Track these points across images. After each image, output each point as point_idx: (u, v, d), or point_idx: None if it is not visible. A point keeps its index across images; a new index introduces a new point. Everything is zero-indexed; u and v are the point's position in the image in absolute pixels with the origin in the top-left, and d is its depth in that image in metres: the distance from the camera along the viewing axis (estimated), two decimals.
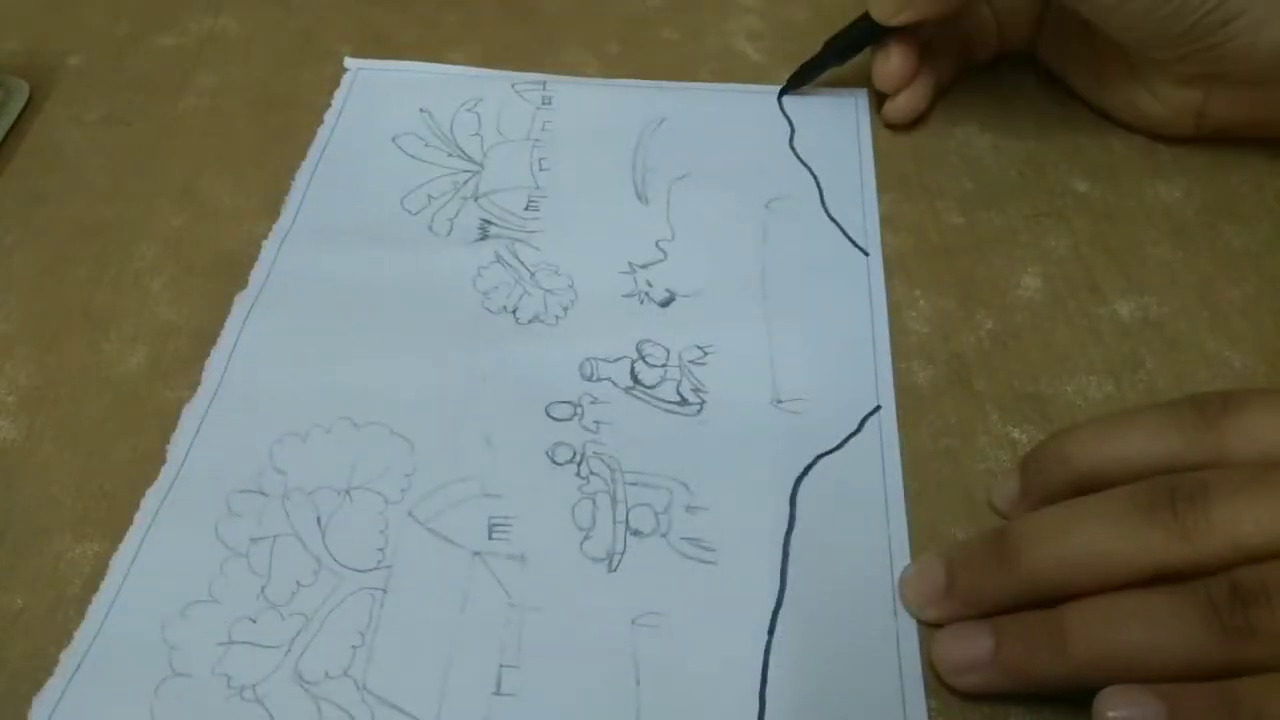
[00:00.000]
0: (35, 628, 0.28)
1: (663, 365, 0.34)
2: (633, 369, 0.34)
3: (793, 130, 0.42)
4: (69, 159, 0.42)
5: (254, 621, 0.28)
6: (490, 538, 0.30)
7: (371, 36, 0.47)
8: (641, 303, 0.36)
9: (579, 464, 0.31)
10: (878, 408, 0.33)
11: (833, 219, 0.39)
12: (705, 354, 0.34)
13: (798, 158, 0.41)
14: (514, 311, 0.36)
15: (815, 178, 0.40)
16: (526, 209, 0.39)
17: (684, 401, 0.33)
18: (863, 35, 0.41)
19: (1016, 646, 0.26)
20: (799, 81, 0.43)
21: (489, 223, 0.39)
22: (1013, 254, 0.38)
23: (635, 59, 0.46)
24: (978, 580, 0.27)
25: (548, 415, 0.33)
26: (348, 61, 0.45)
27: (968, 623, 0.27)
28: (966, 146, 0.42)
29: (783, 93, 0.43)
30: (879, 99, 0.42)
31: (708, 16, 0.48)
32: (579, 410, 0.33)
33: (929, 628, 0.28)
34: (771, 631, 0.28)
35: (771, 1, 0.48)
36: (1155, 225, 0.39)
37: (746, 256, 0.37)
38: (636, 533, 0.30)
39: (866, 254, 0.37)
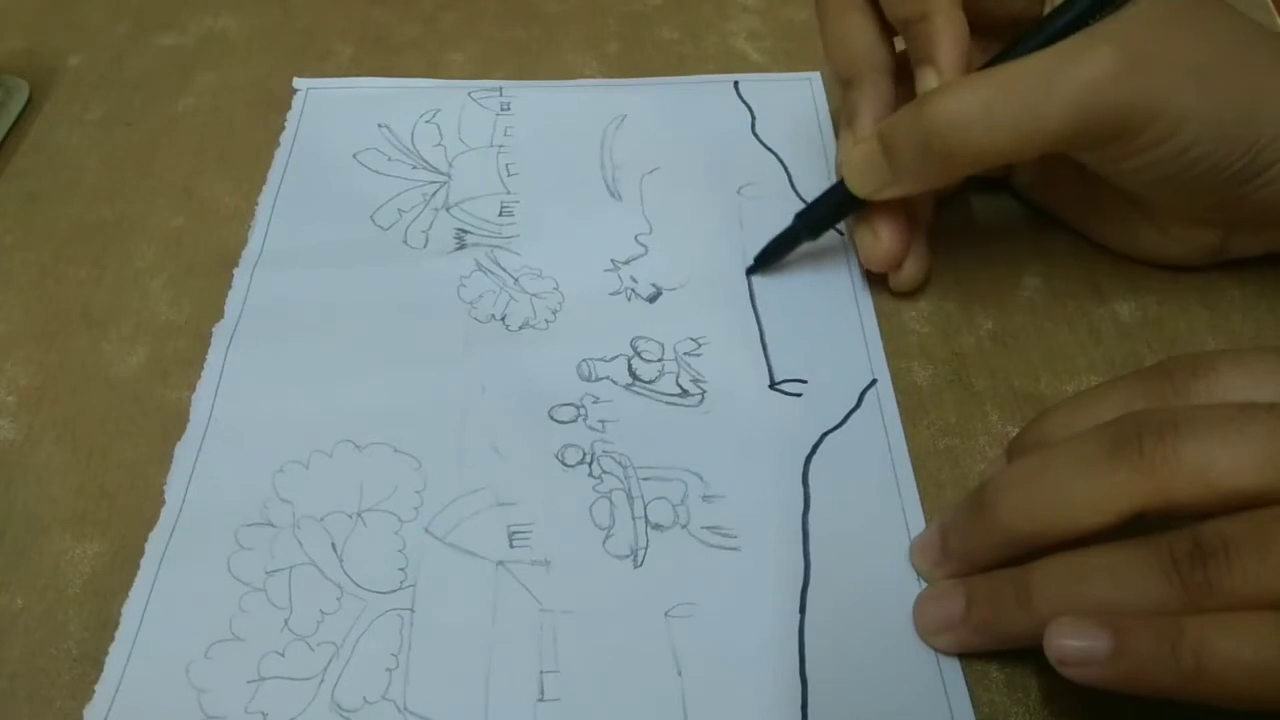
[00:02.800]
0: (35, 628, 0.28)
1: (659, 359, 0.34)
2: (630, 366, 0.34)
3: (753, 117, 0.42)
4: (69, 159, 0.42)
5: (282, 655, 0.28)
6: (511, 546, 0.30)
7: (371, 36, 0.47)
8: (629, 299, 0.36)
9: (590, 464, 0.32)
10: (874, 381, 0.33)
11: (804, 201, 0.39)
12: (699, 345, 0.35)
13: (762, 144, 0.41)
14: (503, 319, 0.35)
15: (781, 162, 0.41)
16: (500, 215, 0.39)
17: (685, 393, 0.33)
18: (840, 207, 0.35)
19: (985, 606, 0.26)
20: (768, 259, 0.37)
21: (464, 232, 0.38)
22: (1013, 254, 0.38)
23: (635, 59, 0.46)
24: (963, 539, 0.28)
25: (551, 419, 0.33)
26: (296, 81, 0.45)
27: (944, 583, 0.28)
28: None
29: (750, 271, 0.37)
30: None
31: (708, 16, 0.48)
32: (582, 411, 0.33)
33: None
34: (803, 610, 0.28)
35: (771, 1, 0.48)
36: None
37: (725, 245, 0.38)
38: (657, 526, 0.30)
39: (841, 233, 0.38)
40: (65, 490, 0.31)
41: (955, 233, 0.38)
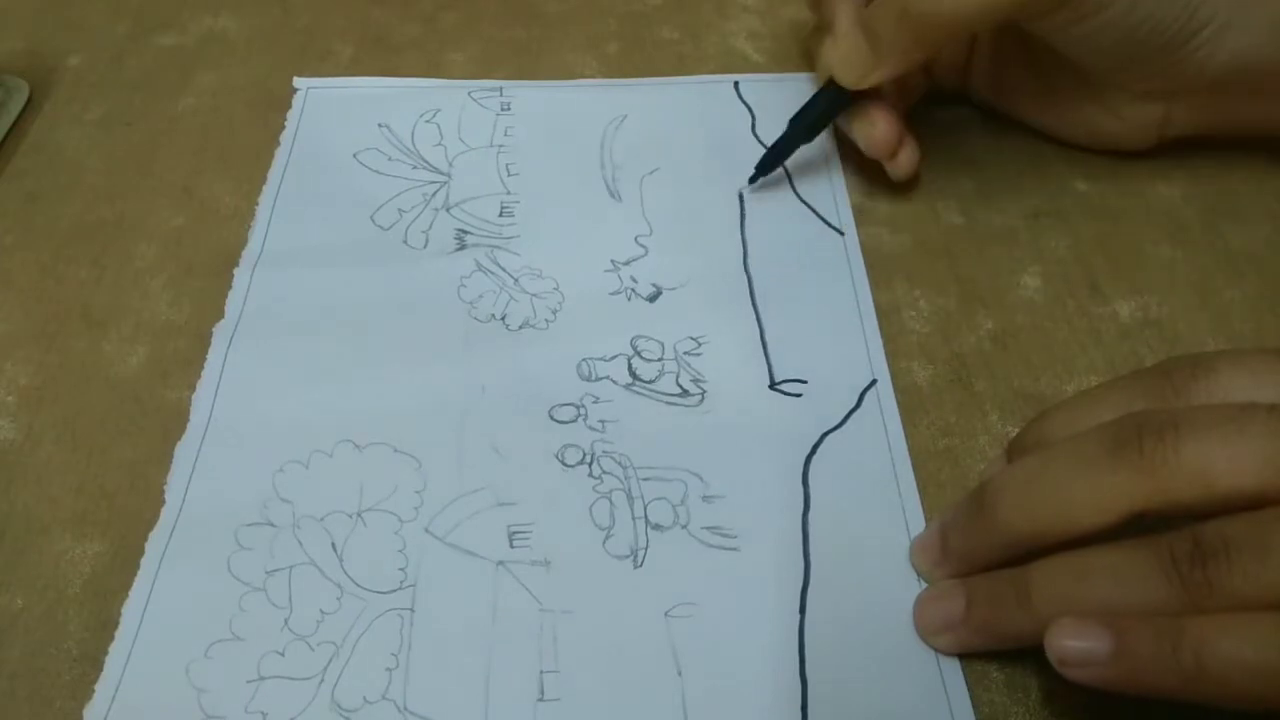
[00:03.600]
0: (35, 628, 0.28)
1: (659, 359, 0.34)
2: (630, 365, 0.34)
3: (754, 118, 0.43)
4: (69, 159, 0.42)
5: (282, 655, 0.28)
6: (512, 546, 0.30)
7: (371, 36, 0.47)
8: (629, 299, 0.36)
9: (590, 464, 0.32)
10: (874, 381, 0.33)
11: (804, 202, 0.39)
12: (699, 344, 0.35)
13: (762, 144, 0.41)
14: (503, 319, 0.35)
15: (783, 163, 0.40)
16: (501, 215, 0.39)
17: (685, 393, 0.33)
18: (830, 105, 0.38)
19: (985, 606, 0.26)
20: (767, 167, 0.39)
21: (465, 232, 0.38)
22: (1013, 254, 0.38)
23: (635, 59, 0.46)
24: (964, 539, 0.28)
25: (551, 419, 0.33)
26: (296, 81, 0.45)
27: (944, 583, 0.28)
28: (966, 146, 0.42)
29: (752, 180, 0.39)
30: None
31: (708, 16, 0.48)
32: (582, 411, 0.33)
33: None
34: (803, 610, 0.28)
35: (771, 1, 0.48)
36: (1155, 225, 0.39)
37: (725, 246, 0.38)
38: (657, 527, 0.30)
39: (842, 233, 0.38)
40: (65, 490, 0.31)
41: (955, 232, 0.38)
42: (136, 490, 0.31)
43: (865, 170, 0.40)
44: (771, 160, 0.39)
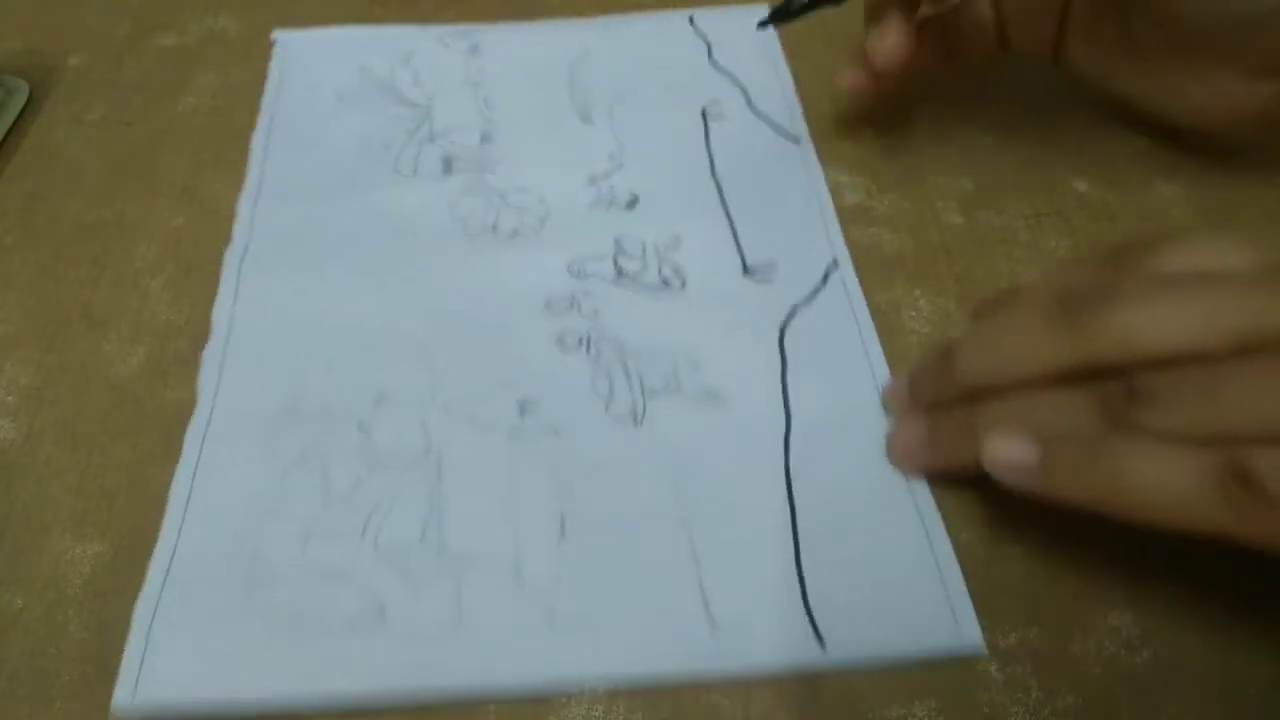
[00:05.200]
0: (35, 628, 0.28)
1: (641, 256, 0.37)
2: (616, 262, 0.37)
3: (709, 46, 0.46)
4: (69, 159, 0.42)
5: (326, 513, 0.30)
6: (522, 417, 0.32)
7: None
8: (609, 207, 0.39)
9: (587, 346, 0.34)
10: (835, 260, 0.37)
11: (760, 117, 0.43)
12: (678, 241, 0.38)
13: (719, 70, 0.45)
14: (494, 229, 0.38)
15: (740, 85, 0.44)
16: (482, 143, 0.42)
17: (667, 284, 0.36)
18: None
19: (943, 436, 0.30)
20: (784, 15, 0.40)
21: (451, 159, 0.41)
22: (1013, 254, 0.38)
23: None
24: (930, 387, 0.31)
25: (548, 309, 0.36)
26: (275, 34, 0.46)
27: (911, 415, 0.32)
28: (967, 146, 0.42)
29: (763, 24, 0.41)
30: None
31: None
32: (576, 303, 0.36)
33: None
34: (787, 451, 0.32)
35: None
36: (1155, 225, 0.39)
37: (693, 157, 0.41)
38: (652, 392, 0.33)
39: (797, 141, 0.42)
40: (65, 490, 0.31)
41: (955, 232, 0.38)
42: (136, 490, 0.31)
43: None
44: (787, 9, 0.40)
